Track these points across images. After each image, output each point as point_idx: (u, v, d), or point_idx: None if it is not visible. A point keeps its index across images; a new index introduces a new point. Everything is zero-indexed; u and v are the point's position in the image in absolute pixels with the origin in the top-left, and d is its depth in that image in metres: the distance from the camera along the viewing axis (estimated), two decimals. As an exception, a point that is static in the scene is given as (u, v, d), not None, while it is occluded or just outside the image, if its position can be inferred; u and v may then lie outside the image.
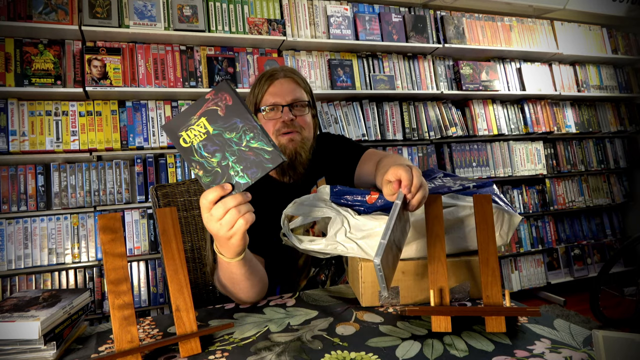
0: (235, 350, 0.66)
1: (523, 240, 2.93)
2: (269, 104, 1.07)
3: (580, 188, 3.16)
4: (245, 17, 2.34)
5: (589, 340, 0.66)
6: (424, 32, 2.69)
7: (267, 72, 1.12)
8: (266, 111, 1.07)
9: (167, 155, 2.19)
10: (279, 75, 1.10)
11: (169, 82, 2.19)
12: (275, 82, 1.09)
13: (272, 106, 1.07)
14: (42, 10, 1.96)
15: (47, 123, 2.02)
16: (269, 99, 1.08)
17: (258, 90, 1.10)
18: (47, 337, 0.64)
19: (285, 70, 1.12)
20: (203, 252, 1.25)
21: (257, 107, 1.10)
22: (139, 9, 2.13)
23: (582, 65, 3.22)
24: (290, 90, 1.09)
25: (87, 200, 2.05)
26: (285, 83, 1.09)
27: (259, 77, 1.13)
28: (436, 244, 0.74)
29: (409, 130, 2.65)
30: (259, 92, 1.10)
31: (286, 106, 1.06)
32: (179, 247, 0.69)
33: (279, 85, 1.09)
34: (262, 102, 1.09)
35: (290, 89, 1.09)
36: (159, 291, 2.13)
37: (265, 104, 1.08)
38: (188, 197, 1.26)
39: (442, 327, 0.69)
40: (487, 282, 0.72)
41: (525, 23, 3.03)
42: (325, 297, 0.89)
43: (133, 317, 0.64)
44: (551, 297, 2.90)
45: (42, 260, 1.98)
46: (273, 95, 1.08)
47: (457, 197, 0.88)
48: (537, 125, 2.99)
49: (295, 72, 1.14)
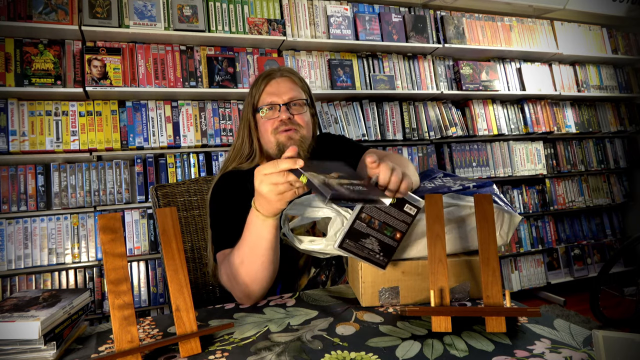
0: (235, 350, 0.66)
1: (523, 240, 2.93)
2: (267, 103, 1.08)
3: (580, 188, 3.16)
4: (245, 17, 2.34)
5: (589, 340, 0.66)
6: (424, 32, 2.69)
7: (265, 72, 1.13)
8: (264, 111, 1.08)
9: (167, 155, 2.19)
10: (275, 75, 1.11)
11: (169, 82, 2.19)
12: (272, 81, 1.10)
13: (269, 105, 1.07)
14: (42, 10, 1.96)
15: (47, 123, 2.02)
16: (266, 98, 1.08)
17: (255, 91, 1.11)
18: (47, 337, 0.64)
19: (282, 70, 1.13)
20: (203, 252, 1.25)
21: (254, 107, 1.11)
22: (139, 9, 2.13)
23: (582, 65, 3.22)
24: (287, 89, 1.09)
25: (87, 200, 2.05)
26: (282, 82, 1.10)
27: (256, 78, 1.14)
28: (437, 243, 0.74)
29: (409, 130, 2.65)
30: (256, 93, 1.11)
31: (283, 105, 1.07)
32: (179, 247, 0.69)
33: (276, 85, 1.09)
34: (259, 102, 1.10)
35: (288, 88, 1.09)
36: (159, 291, 2.13)
37: (262, 104, 1.08)
38: (188, 197, 1.26)
39: (442, 327, 0.69)
40: (488, 282, 0.72)
41: (525, 23, 3.03)
42: (325, 297, 0.89)
43: (133, 317, 0.64)
44: (551, 297, 2.90)
45: (42, 260, 1.98)
46: (270, 94, 1.08)
47: (457, 197, 0.88)
48: (537, 125, 2.99)
49: (292, 72, 1.14)
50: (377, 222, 0.75)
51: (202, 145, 2.25)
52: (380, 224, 0.75)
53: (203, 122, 2.26)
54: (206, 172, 2.24)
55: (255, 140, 1.12)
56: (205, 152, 2.26)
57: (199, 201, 1.27)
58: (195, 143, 2.22)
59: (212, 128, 2.27)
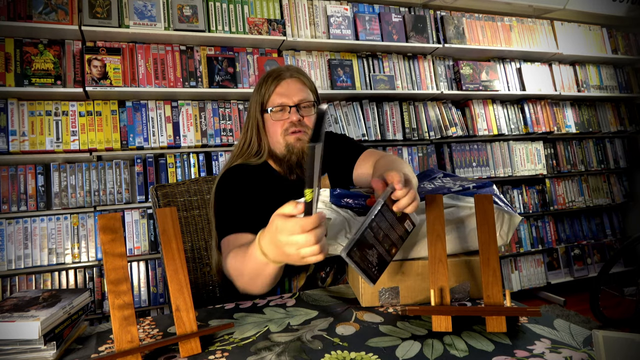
0: (235, 350, 0.66)
1: (523, 240, 2.93)
2: (277, 105, 1.09)
3: (580, 188, 3.16)
4: (245, 17, 2.34)
5: (589, 340, 0.66)
6: (424, 32, 2.69)
7: (274, 72, 1.13)
8: (274, 111, 1.08)
9: (167, 155, 2.19)
10: (285, 76, 1.11)
11: (169, 82, 2.19)
12: (282, 82, 1.10)
13: (280, 106, 1.08)
14: (42, 10, 1.96)
15: (47, 123, 2.01)
16: (277, 99, 1.09)
17: (265, 90, 1.11)
18: (47, 337, 0.64)
19: (291, 70, 1.13)
20: (203, 252, 1.25)
21: (263, 107, 1.11)
22: (139, 9, 2.13)
23: (582, 65, 3.22)
24: (297, 90, 1.10)
25: (87, 200, 2.05)
26: (292, 83, 1.11)
27: (265, 77, 1.14)
28: (437, 244, 0.74)
29: (409, 130, 2.64)
30: (265, 92, 1.11)
31: (294, 107, 1.08)
32: (179, 247, 0.69)
33: (286, 86, 1.10)
34: (269, 103, 1.10)
35: (297, 89, 1.10)
36: (159, 291, 2.13)
37: (272, 105, 1.09)
38: (188, 197, 1.26)
39: (442, 326, 0.69)
40: (488, 282, 0.72)
41: (525, 23, 3.03)
42: (325, 297, 0.89)
43: (133, 317, 0.64)
44: (551, 297, 2.90)
45: (42, 260, 1.97)
46: (280, 95, 1.09)
47: (457, 198, 0.88)
48: (537, 125, 2.99)
49: (301, 72, 1.15)
50: (382, 234, 0.72)
51: (202, 145, 2.25)
52: (384, 237, 0.72)
53: (203, 122, 2.26)
54: (206, 172, 2.24)
55: (264, 139, 1.12)
56: (205, 152, 2.26)
57: (199, 201, 1.27)
58: (195, 143, 2.22)
59: (212, 128, 2.27)
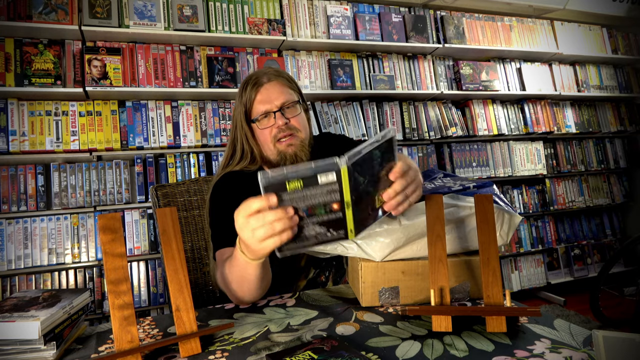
0: (235, 350, 0.66)
1: (523, 240, 2.93)
2: (261, 113, 1.05)
3: (580, 188, 3.16)
4: (245, 17, 2.34)
5: (589, 340, 0.66)
6: (424, 32, 2.69)
7: (252, 79, 1.09)
8: (259, 120, 1.06)
9: (167, 155, 2.19)
10: (263, 81, 1.08)
11: (169, 82, 2.19)
12: (261, 89, 1.07)
13: (264, 114, 1.05)
14: (42, 10, 1.96)
15: (47, 123, 2.01)
16: (260, 107, 1.06)
17: (246, 99, 1.08)
18: (47, 337, 0.64)
19: (268, 73, 1.09)
20: (203, 252, 1.25)
21: (248, 117, 1.08)
22: (139, 9, 2.13)
23: (582, 65, 3.22)
24: (278, 93, 1.07)
25: (87, 200, 2.05)
26: (271, 87, 1.07)
27: (243, 84, 1.10)
28: (437, 243, 0.74)
29: (409, 130, 2.64)
30: (247, 101, 1.08)
31: (278, 111, 1.05)
32: (179, 247, 0.69)
33: (266, 92, 1.07)
34: (253, 113, 1.07)
35: (278, 92, 1.07)
36: (159, 291, 2.13)
37: (257, 114, 1.06)
38: (188, 197, 1.26)
39: (442, 326, 0.69)
40: (488, 282, 0.72)
41: (525, 23, 3.03)
42: (325, 297, 0.89)
43: (133, 317, 0.64)
44: (551, 297, 2.90)
45: (42, 260, 1.97)
46: (262, 103, 1.06)
47: (457, 198, 0.88)
48: (537, 125, 2.99)
49: (279, 73, 1.11)
50: (302, 212, 0.65)
51: (202, 145, 2.25)
52: (307, 211, 0.65)
53: (203, 122, 2.26)
54: (206, 172, 2.24)
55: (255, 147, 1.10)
56: (205, 152, 2.26)
57: (199, 201, 1.27)
58: (195, 143, 2.22)
59: (212, 128, 2.27)
